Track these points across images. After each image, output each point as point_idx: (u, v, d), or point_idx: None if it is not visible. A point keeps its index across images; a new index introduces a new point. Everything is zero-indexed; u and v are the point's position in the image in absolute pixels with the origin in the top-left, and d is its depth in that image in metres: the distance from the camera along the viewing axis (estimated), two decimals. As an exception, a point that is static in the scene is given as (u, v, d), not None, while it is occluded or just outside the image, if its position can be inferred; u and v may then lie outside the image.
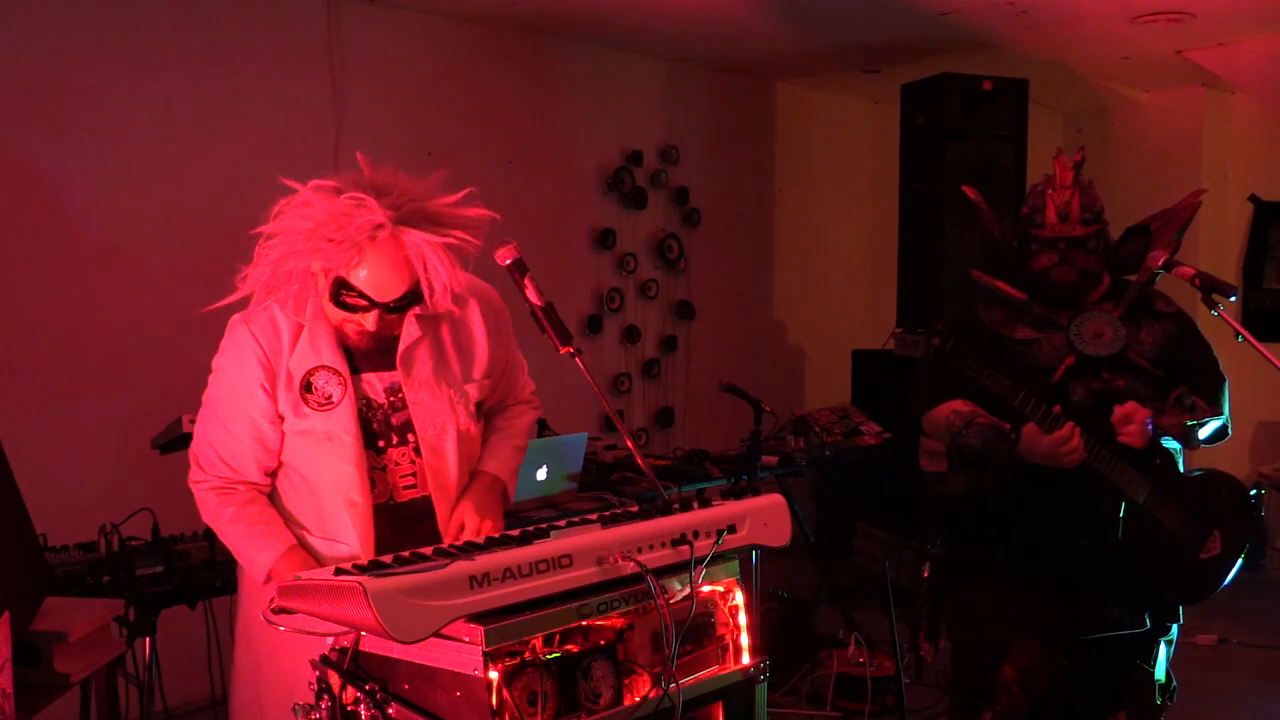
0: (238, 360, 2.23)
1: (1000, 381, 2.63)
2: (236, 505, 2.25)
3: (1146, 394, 2.74)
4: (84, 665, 2.41)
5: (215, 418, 2.27)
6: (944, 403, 2.81)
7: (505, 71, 5.26)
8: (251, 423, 2.23)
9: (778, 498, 2.07)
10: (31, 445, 3.26)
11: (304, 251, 2.09)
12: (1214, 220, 6.55)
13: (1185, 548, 2.75)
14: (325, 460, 2.22)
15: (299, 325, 2.23)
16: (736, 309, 6.55)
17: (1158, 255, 2.74)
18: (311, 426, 2.22)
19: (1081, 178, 2.81)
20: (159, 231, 4.18)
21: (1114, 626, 2.74)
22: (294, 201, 2.12)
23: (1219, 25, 5.27)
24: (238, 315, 2.26)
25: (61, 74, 3.94)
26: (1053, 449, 2.61)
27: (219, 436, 2.26)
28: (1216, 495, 2.81)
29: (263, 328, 2.23)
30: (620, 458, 4.25)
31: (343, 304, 2.14)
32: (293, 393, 2.21)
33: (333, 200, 2.07)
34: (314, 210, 2.08)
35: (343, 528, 2.23)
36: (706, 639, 1.97)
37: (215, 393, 2.29)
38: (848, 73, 6.40)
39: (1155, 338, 2.81)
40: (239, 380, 2.23)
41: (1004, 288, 2.86)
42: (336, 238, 2.06)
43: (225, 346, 2.27)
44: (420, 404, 2.27)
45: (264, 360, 2.21)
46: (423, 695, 1.75)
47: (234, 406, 2.24)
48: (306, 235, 2.07)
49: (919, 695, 4.24)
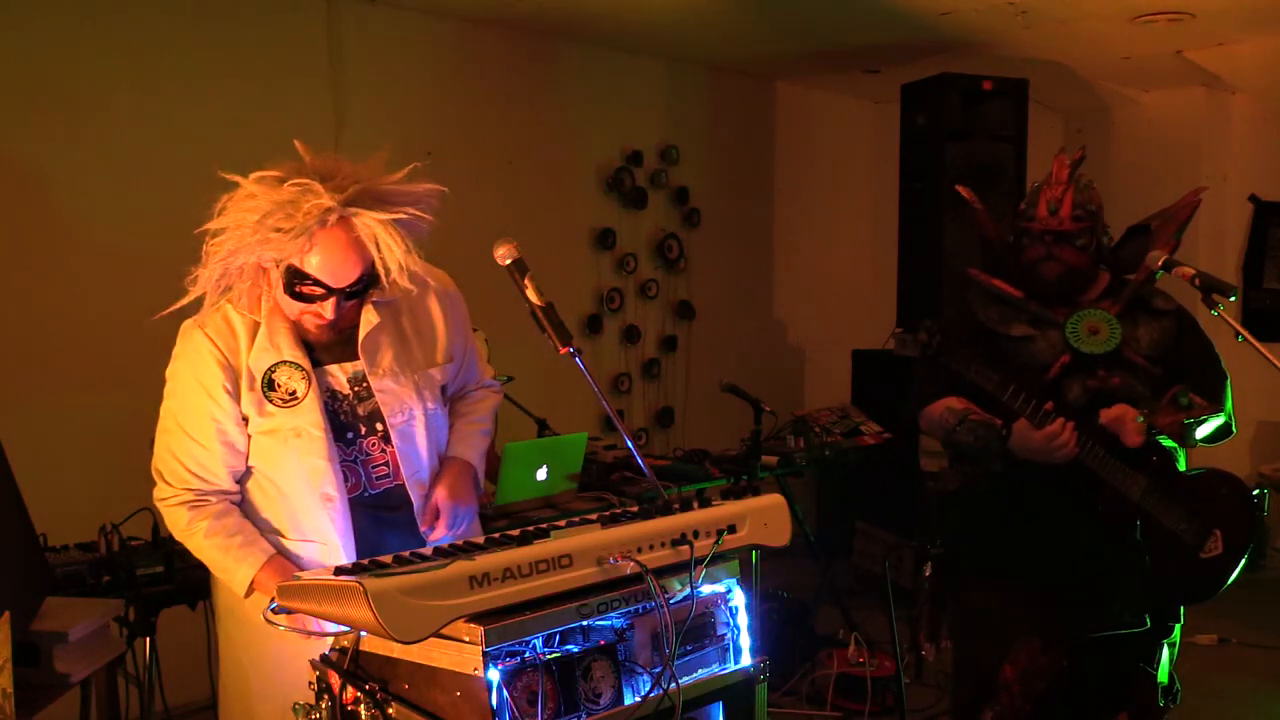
0: (195, 364, 2.20)
1: (988, 377, 2.64)
2: (210, 518, 2.20)
3: (1144, 392, 2.74)
4: (84, 665, 2.41)
5: (178, 428, 2.22)
6: (939, 400, 2.82)
7: (505, 71, 5.26)
8: (218, 428, 2.19)
9: (778, 498, 2.07)
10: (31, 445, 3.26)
11: (253, 244, 2.05)
12: (1214, 220, 6.54)
13: (1185, 547, 2.75)
14: (295, 457, 2.19)
15: (255, 323, 2.20)
16: (736, 309, 6.54)
17: (1157, 255, 2.75)
18: (278, 425, 2.19)
19: (1080, 177, 2.81)
20: (159, 231, 4.16)
21: (1114, 625, 2.74)
22: (237, 195, 2.09)
23: (1219, 25, 5.27)
24: (189, 320, 2.23)
25: (61, 74, 3.94)
26: (1044, 444, 2.62)
27: (184, 447, 2.21)
28: (1217, 494, 2.80)
29: (217, 328, 2.20)
30: (620, 458, 4.25)
31: (298, 295, 2.11)
32: (255, 392, 2.18)
33: (277, 190, 2.05)
34: (259, 201, 2.05)
35: (320, 525, 2.21)
36: (706, 639, 1.97)
37: (175, 403, 2.24)
38: (848, 73, 6.40)
39: (1153, 335, 2.81)
40: (199, 385, 2.19)
41: (1001, 286, 2.87)
42: (285, 226, 2.03)
43: (180, 353, 2.24)
44: (386, 390, 2.25)
45: (223, 361, 2.18)
46: (423, 695, 1.75)
47: (197, 413, 2.20)
48: (254, 227, 2.04)
49: (919, 695, 4.24)
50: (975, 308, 2.89)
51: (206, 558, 2.22)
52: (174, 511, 2.23)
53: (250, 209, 2.06)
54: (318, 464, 2.19)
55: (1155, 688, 2.84)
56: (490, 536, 1.91)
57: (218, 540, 2.18)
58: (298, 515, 2.23)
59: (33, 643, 2.28)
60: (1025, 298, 2.84)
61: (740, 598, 2.02)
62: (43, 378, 3.90)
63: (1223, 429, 2.82)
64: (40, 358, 3.90)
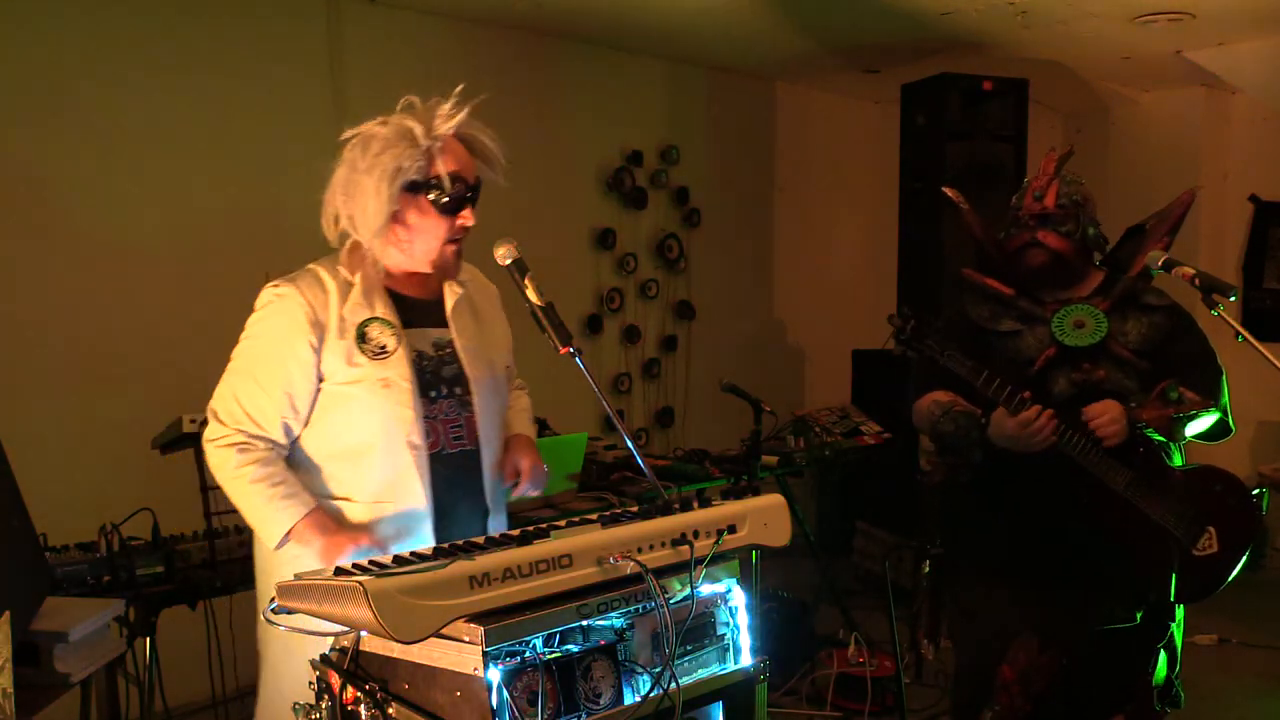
0: (282, 313, 2.27)
1: (962, 363, 2.65)
2: (257, 464, 2.24)
3: (1130, 385, 2.74)
4: (84, 665, 2.40)
5: (247, 371, 2.28)
6: (927, 394, 2.84)
7: (505, 71, 5.26)
8: (288, 378, 2.25)
9: (778, 498, 2.06)
10: (31, 445, 3.26)
11: (393, 158, 2.19)
12: (1214, 220, 6.55)
13: (1176, 541, 2.74)
14: (382, 406, 2.26)
15: (348, 283, 2.30)
16: (736, 309, 6.54)
17: (1157, 255, 2.76)
18: (365, 375, 2.26)
19: (1067, 172, 2.85)
20: (159, 231, 4.18)
21: (1106, 620, 2.73)
22: (350, 146, 2.26)
23: (1219, 25, 5.28)
24: (277, 280, 2.31)
25: (61, 75, 3.94)
26: (1018, 431, 2.62)
27: (247, 390, 2.26)
28: (1209, 491, 2.78)
29: (308, 284, 2.29)
30: (620, 458, 4.25)
31: (447, 205, 2.26)
32: (346, 340, 2.26)
33: (387, 125, 2.25)
34: (378, 137, 2.23)
35: (401, 476, 2.26)
36: (706, 639, 1.97)
37: (251, 345, 2.30)
38: (848, 73, 6.40)
39: (1141, 330, 2.81)
40: (283, 335, 2.26)
41: (991, 284, 2.90)
42: (414, 140, 2.21)
43: (265, 302, 2.30)
44: (471, 354, 2.37)
45: (310, 315, 2.26)
46: (423, 695, 1.75)
47: (272, 361, 2.26)
48: (387, 148, 2.20)
49: (919, 695, 4.24)
50: (968, 307, 2.92)
51: (247, 504, 2.25)
52: (222, 452, 2.26)
53: (375, 147, 2.22)
54: (405, 413, 2.27)
55: (1151, 690, 2.83)
56: (490, 536, 1.91)
57: (262, 487, 2.22)
58: (376, 470, 2.27)
59: (33, 643, 2.28)
60: (1016, 294, 2.86)
61: (740, 598, 2.02)
62: (43, 378, 3.90)
63: (1219, 426, 2.80)
64: (40, 358, 3.90)
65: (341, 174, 2.26)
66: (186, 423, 3.05)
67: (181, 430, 3.06)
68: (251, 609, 2.42)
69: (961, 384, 2.74)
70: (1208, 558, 2.76)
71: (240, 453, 2.24)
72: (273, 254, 4.54)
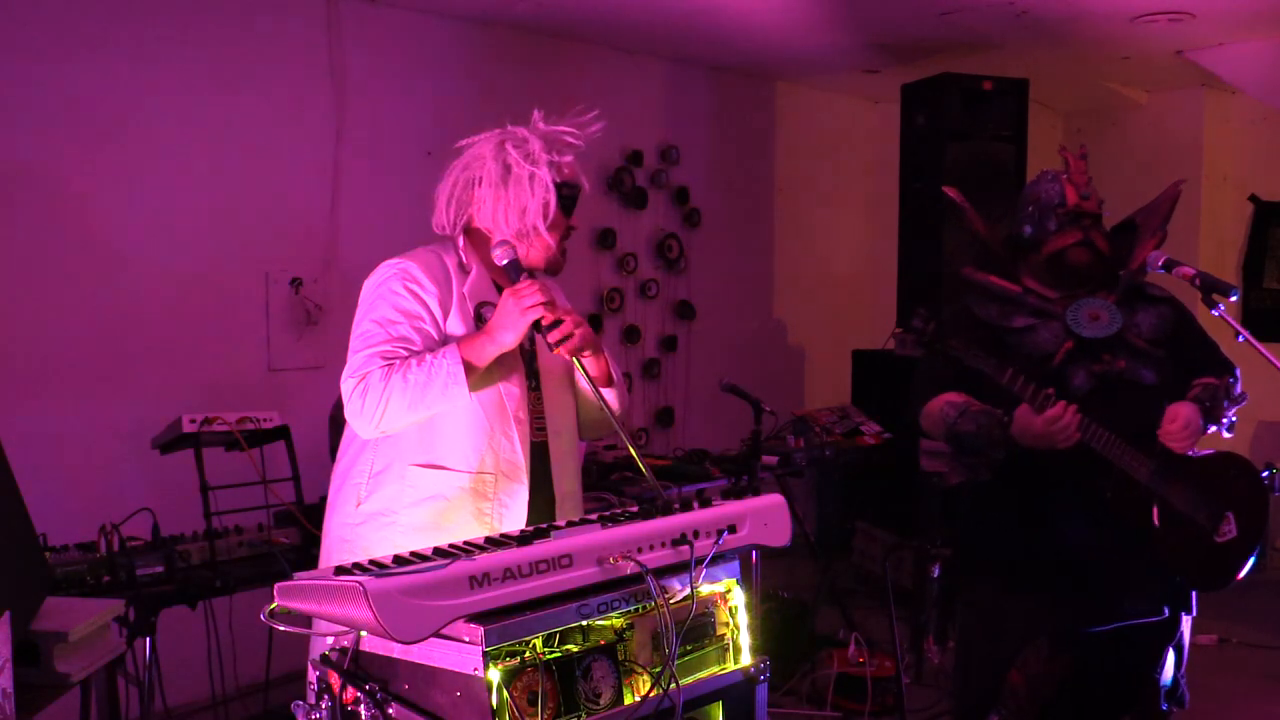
0: (408, 282, 2.32)
1: (986, 361, 2.62)
2: (392, 366, 2.23)
3: (1150, 375, 2.75)
4: (84, 665, 2.40)
5: (373, 320, 2.31)
6: (937, 397, 2.82)
7: (505, 71, 5.26)
8: (418, 311, 2.30)
9: (778, 498, 2.07)
10: (31, 445, 3.26)
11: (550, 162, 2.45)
12: (1214, 220, 6.55)
13: (1199, 530, 2.73)
14: (495, 379, 2.32)
15: (463, 266, 2.39)
16: (736, 309, 6.55)
17: (1158, 255, 2.77)
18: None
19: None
20: (159, 231, 4.18)
21: (1128, 617, 2.72)
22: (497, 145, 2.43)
23: (1219, 25, 5.28)
24: (395, 259, 2.38)
25: (60, 75, 3.94)
26: (1045, 429, 2.59)
27: (380, 333, 2.28)
28: (1226, 476, 2.79)
29: (429, 262, 2.36)
30: (620, 458, 4.25)
31: (570, 205, 2.52)
32: (466, 313, 2.34)
33: (534, 130, 2.51)
34: (532, 140, 2.46)
35: (503, 447, 2.32)
36: (706, 639, 1.97)
37: (375, 304, 2.33)
38: (848, 73, 6.40)
39: (1152, 320, 2.83)
40: (410, 296, 2.31)
41: (997, 281, 2.87)
42: (564, 146, 2.49)
43: (389, 275, 2.35)
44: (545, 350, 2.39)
45: (435, 291, 2.33)
46: (423, 695, 1.75)
47: (401, 300, 2.31)
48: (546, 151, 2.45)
49: (919, 695, 4.24)
50: (974, 307, 2.89)
51: (412, 393, 2.22)
52: (368, 376, 2.23)
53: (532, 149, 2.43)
54: (514, 390, 2.35)
55: (1159, 691, 2.83)
56: (490, 537, 1.91)
57: (410, 369, 2.23)
58: (480, 441, 2.31)
59: (33, 643, 2.28)
60: (1023, 291, 2.85)
61: (740, 598, 2.02)
62: (43, 378, 3.90)
63: (1240, 394, 2.85)
64: (40, 358, 3.90)
65: (489, 170, 2.39)
66: (186, 423, 3.05)
67: (181, 430, 3.05)
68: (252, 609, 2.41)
69: (969, 384, 2.73)
70: (1227, 544, 2.76)
71: (384, 366, 2.23)
72: (272, 254, 4.59)
